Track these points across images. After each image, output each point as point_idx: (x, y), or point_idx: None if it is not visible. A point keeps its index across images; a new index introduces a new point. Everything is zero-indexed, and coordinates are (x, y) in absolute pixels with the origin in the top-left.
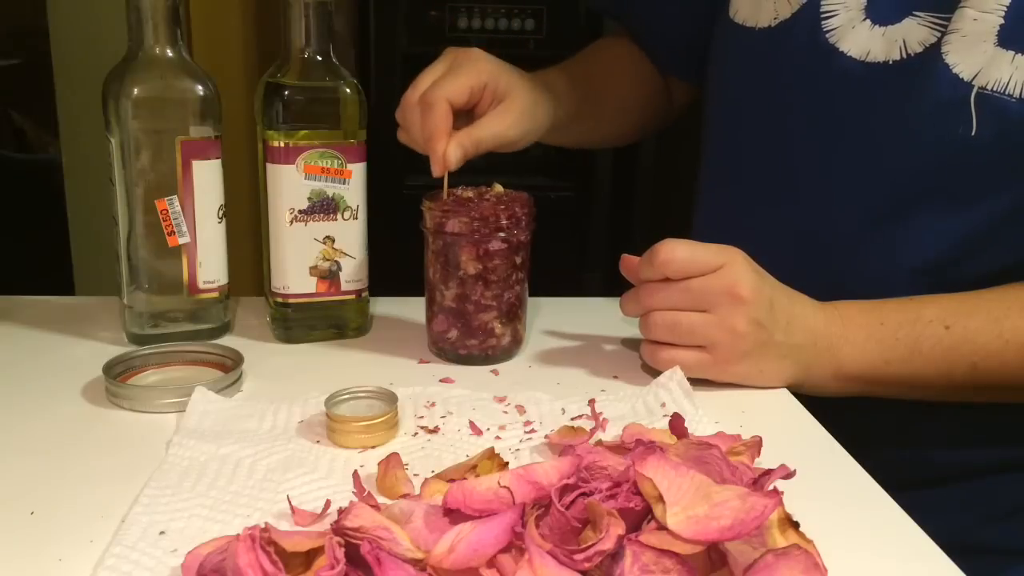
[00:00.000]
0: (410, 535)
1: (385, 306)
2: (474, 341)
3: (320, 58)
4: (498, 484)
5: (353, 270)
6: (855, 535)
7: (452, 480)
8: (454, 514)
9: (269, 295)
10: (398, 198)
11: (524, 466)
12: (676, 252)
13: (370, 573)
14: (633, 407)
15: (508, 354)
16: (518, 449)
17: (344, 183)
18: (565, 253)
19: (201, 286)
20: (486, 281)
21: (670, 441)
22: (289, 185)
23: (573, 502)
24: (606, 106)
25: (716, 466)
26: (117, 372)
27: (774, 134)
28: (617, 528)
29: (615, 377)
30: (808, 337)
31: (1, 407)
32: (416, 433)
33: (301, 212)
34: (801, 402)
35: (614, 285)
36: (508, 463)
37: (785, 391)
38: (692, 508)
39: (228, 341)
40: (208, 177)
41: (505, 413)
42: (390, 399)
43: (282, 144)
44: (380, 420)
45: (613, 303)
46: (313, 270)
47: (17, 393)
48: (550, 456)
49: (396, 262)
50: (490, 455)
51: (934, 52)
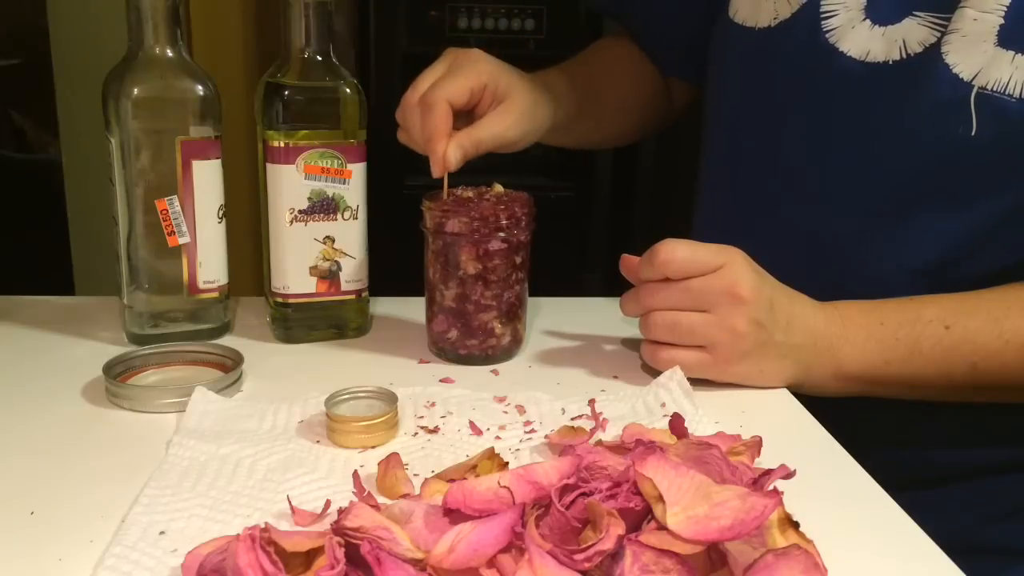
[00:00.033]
0: (410, 535)
1: (385, 306)
2: (474, 341)
3: (320, 58)
4: (498, 484)
5: (353, 270)
6: (855, 535)
7: (452, 480)
8: (454, 514)
9: (269, 295)
10: (398, 198)
11: (524, 466)
12: (676, 252)
13: (370, 573)
14: (633, 407)
15: (508, 354)
16: (518, 449)
17: (344, 183)
18: (565, 253)
19: (201, 286)
20: (486, 281)
21: (670, 441)
22: (289, 185)
23: (573, 502)
24: (606, 106)
25: (716, 466)
26: (117, 372)
27: (774, 134)
28: (617, 528)
29: (615, 377)
30: (808, 337)
31: (1, 407)
32: (416, 433)
33: (301, 212)
34: (801, 402)
35: (614, 285)
36: (508, 463)
37: (785, 391)
38: (692, 508)
39: (228, 341)
40: (208, 177)
41: (505, 413)
42: (390, 399)
43: (282, 144)
44: (380, 420)
45: (613, 303)
46: (313, 270)
47: (17, 393)
48: (550, 456)
49: (396, 262)
50: (490, 455)
51: (934, 52)
